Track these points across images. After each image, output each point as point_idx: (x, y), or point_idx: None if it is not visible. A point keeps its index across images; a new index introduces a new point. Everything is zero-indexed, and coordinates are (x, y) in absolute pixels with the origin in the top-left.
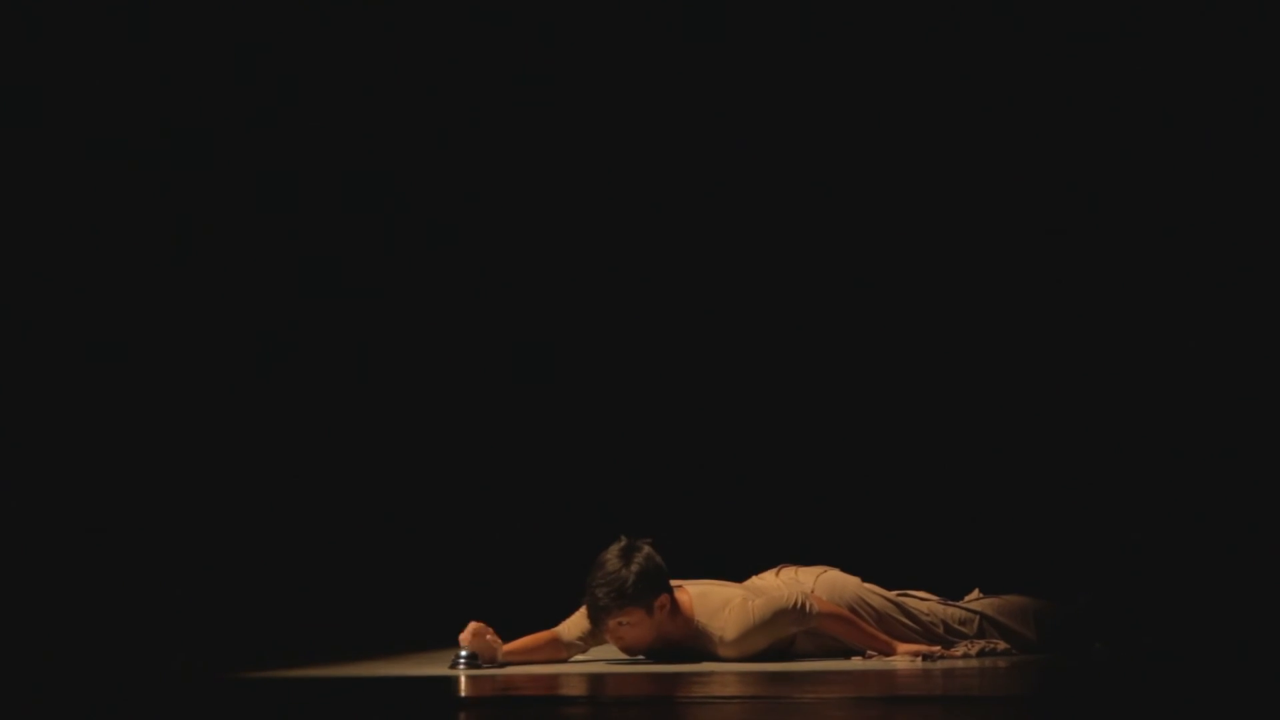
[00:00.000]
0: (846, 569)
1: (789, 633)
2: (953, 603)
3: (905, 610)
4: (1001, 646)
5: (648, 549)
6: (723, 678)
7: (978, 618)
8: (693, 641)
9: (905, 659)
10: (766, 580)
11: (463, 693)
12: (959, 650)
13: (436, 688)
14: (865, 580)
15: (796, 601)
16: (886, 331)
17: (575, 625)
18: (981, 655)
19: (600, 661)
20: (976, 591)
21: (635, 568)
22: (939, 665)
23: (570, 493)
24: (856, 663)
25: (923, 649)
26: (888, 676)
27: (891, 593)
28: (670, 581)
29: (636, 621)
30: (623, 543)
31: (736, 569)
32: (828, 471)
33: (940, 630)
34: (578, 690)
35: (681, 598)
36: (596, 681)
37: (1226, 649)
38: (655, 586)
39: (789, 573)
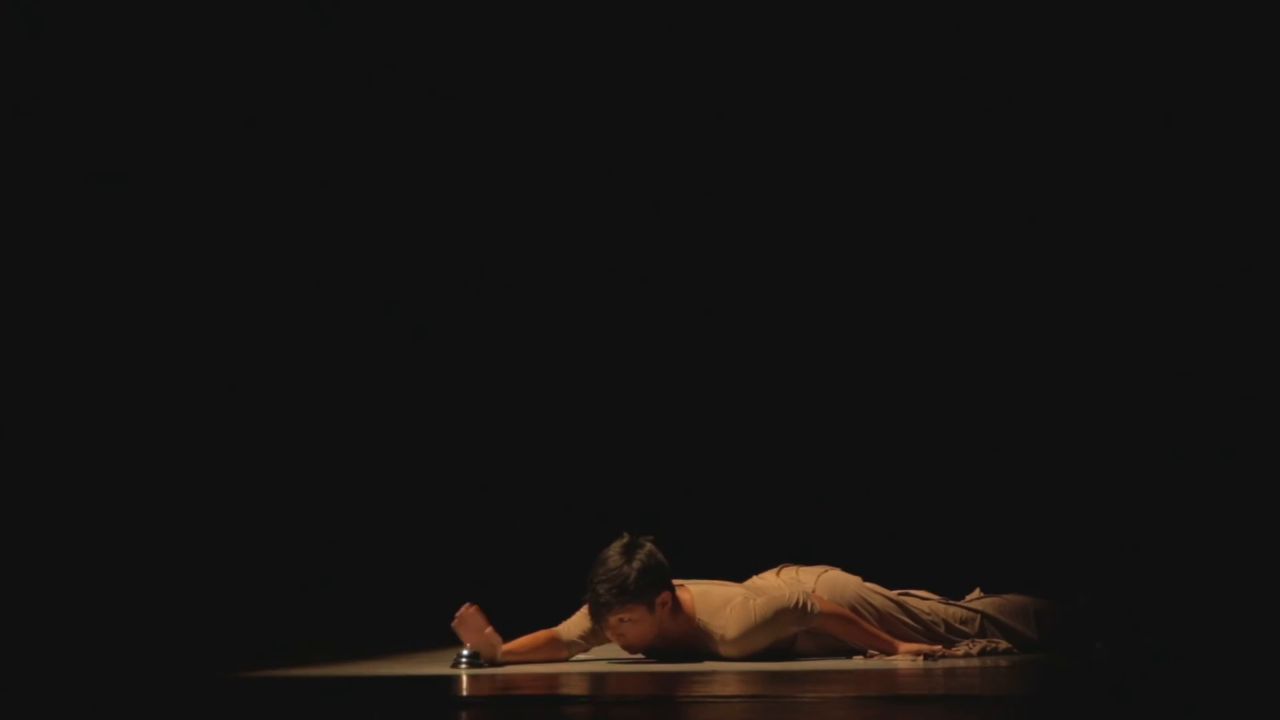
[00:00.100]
0: (847, 569)
1: (790, 632)
2: (954, 602)
3: (906, 609)
4: (1003, 646)
5: (650, 546)
6: (724, 677)
7: (979, 617)
8: (694, 640)
9: (906, 658)
10: (767, 580)
11: (463, 693)
12: (960, 649)
13: (436, 688)
14: (866, 580)
15: (798, 601)
16: (887, 332)
17: (576, 624)
18: (983, 655)
19: (600, 660)
20: (977, 591)
21: (637, 564)
22: (940, 664)
23: (570, 493)
24: (858, 662)
25: (924, 648)
26: (889, 676)
27: (893, 592)
28: (672, 580)
29: (638, 618)
30: (625, 540)
31: (737, 569)
32: (828, 471)
33: (941, 629)
34: (578, 689)
35: (683, 596)
36: (597, 680)
37: (1226, 649)
38: (657, 583)
39: (790, 572)
